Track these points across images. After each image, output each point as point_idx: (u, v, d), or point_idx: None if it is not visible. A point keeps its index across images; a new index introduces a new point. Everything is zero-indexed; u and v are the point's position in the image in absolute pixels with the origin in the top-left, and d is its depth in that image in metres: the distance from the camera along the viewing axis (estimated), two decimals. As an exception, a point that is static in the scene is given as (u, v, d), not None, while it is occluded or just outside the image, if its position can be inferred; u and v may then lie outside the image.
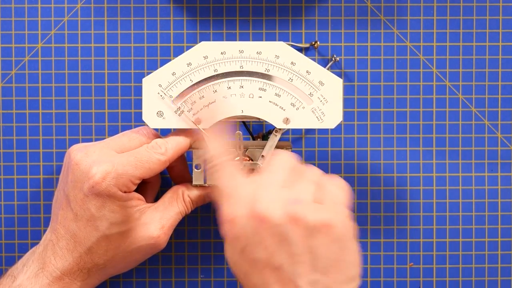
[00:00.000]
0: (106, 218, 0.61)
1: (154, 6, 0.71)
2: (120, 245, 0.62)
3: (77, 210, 0.61)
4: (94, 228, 0.61)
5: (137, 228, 0.62)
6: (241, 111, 0.64)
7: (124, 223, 0.62)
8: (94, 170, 0.60)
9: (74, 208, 0.62)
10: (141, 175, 0.62)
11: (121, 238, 0.62)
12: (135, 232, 0.62)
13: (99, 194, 0.60)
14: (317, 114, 0.64)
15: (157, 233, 0.63)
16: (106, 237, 0.62)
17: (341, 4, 0.71)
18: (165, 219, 0.64)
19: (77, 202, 0.61)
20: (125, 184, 0.61)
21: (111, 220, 0.61)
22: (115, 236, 0.62)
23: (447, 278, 0.72)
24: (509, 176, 0.72)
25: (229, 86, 0.63)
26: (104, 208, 0.61)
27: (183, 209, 0.65)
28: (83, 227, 0.62)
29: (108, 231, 0.61)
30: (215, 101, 0.63)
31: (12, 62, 0.71)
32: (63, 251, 0.62)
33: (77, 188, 0.61)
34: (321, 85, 0.63)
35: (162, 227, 0.63)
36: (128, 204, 0.62)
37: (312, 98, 0.64)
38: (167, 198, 0.65)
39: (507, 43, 0.71)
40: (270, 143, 0.64)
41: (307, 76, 0.63)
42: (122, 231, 0.62)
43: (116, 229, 0.62)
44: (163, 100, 0.63)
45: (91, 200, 0.61)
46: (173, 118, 0.64)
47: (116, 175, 0.60)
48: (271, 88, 0.63)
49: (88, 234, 0.62)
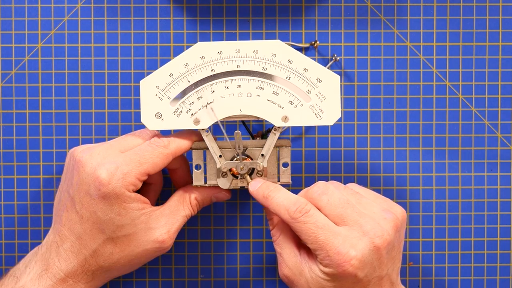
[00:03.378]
0: (112, 221, 0.61)
1: (154, 6, 0.71)
2: (126, 248, 0.62)
3: (83, 213, 0.61)
4: (100, 231, 0.61)
5: (143, 232, 0.62)
6: (239, 111, 0.64)
7: (130, 226, 0.62)
8: (100, 172, 0.60)
9: (80, 210, 0.61)
10: (146, 171, 0.61)
11: (127, 241, 0.62)
12: (141, 236, 0.62)
13: (106, 196, 0.60)
14: (315, 111, 0.64)
15: (162, 237, 0.63)
16: (112, 240, 0.62)
17: (341, 4, 0.71)
18: (170, 223, 0.63)
19: (83, 205, 0.61)
20: (131, 182, 0.61)
21: (117, 223, 0.61)
22: (121, 239, 0.62)
23: (446, 277, 0.72)
24: (509, 175, 0.72)
25: (227, 86, 0.63)
26: (110, 211, 0.61)
27: (190, 212, 0.65)
28: (89, 229, 0.61)
29: (114, 234, 0.61)
30: (213, 101, 0.63)
31: (12, 62, 0.70)
32: (67, 253, 0.62)
33: (83, 190, 0.61)
34: (319, 82, 0.63)
35: (168, 231, 0.63)
36: (134, 206, 0.61)
37: (310, 96, 0.63)
38: (174, 201, 0.65)
39: (507, 43, 0.71)
40: (269, 141, 0.64)
41: (304, 74, 0.63)
42: (127, 234, 0.62)
43: (122, 232, 0.62)
44: (161, 101, 0.63)
45: (98, 203, 0.61)
46: (171, 120, 0.63)
47: (122, 175, 0.60)
48: (269, 86, 0.63)
49: (93, 236, 0.61)
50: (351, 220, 0.59)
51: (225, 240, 0.72)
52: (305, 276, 0.60)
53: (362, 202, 0.61)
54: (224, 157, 0.64)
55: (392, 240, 0.59)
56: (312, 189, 0.61)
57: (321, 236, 0.58)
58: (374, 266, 0.59)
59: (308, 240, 0.59)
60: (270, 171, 0.65)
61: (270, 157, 0.65)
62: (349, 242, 0.58)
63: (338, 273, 0.58)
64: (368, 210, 0.60)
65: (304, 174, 0.71)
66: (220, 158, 0.64)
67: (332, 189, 0.61)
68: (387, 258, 0.59)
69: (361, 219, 0.59)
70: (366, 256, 0.58)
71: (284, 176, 0.65)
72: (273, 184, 0.63)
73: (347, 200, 0.60)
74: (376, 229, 0.58)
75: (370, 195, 0.62)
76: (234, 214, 0.72)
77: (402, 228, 0.61)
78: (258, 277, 0.72)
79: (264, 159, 0.64)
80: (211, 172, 0.65)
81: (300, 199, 0.60)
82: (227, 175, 0.64)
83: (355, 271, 0.58)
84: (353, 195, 0.61)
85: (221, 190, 0.66)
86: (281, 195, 0.61)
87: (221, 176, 0.64)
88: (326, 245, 0.58)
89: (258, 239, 0.72)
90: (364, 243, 0.58)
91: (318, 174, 0.71)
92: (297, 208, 0.59)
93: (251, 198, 0.71)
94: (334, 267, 0.58)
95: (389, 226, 0.59)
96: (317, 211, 0.60)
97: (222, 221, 0.72)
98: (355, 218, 0.59)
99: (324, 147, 0.71)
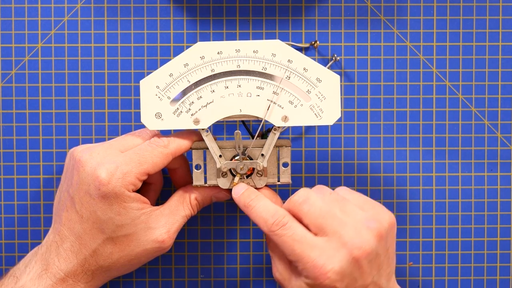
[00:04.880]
0: (112, 221, 0.61)
1: (154, 6, 0.71)
2: (125, 248, 0.62)
3: (83, 213, 0.61)
4: (99, 231, 0.61)
5: (142, 232, 0.62)
6: (239, 110, 0.64)
7: (130, 226, 0.62)
8: (100, 171, 0.60)
9: (80, 210, 0.61)
10: (146, 170, 0.62)
11: (127, 241, 0.62)
12: (141, 236, 0.62)
13: (106, 196, 0.60)
14: (315, 111, 0.64)
15: (162, 237, 0.63)
16: (112, 239, 0.62)
17: (341, 4, 0.71)
18: (170, 223, 0.63)
19: (83, 205, 0.61)
20: (131, 182, 0.61)
21: (117, 223, 0.61)
22: (121, 239, 0.62)
23: (446, 277, 0.72)
24: (509, 175, 0.72)
25: (227, 86, 0.63)
26: (110, 211, 0.61)
27: (190, 212, 0.65)
28: (89, 229, 0.61)
29: (114, 234, 0.61)
30: (213, 101, 0.63)
31: (12, 62, 0.70)
32: (67, 252, 0.62)
33: (83, 190, 0.61)
34: (319, 82, 0.63)
35: (168, 231, 0.63)
36: (134, 206, 0.61)
37: (310, 95, 0.63)
38: (174, 201, 0.65)
39: (507, 43, 0.71)
40: (269, 141, 0.64)
41: (304, 74, 0.63)
42: (127, 234, 0.62)
43: (121, 232, 0.62)
44: (161, 101, 0.63)
45: (98, 202, 0.61)
46: (171, 119, 0.63)
47: (122, 175, 0.60)
48: (268, 86, 0.63)
49: (93, 236, 0.61)
50: (330, 230, 0.58)
51: (225, 240, 0.72)
52: (292, 282, 0.60)
53: (346, 209, 0.60)
54: (224, 157, 0.64)
55: (373, 250, 0.58)
56: (294, 198, 0.61)
57: (297, 249, 0.58)
58: (355, 277, 0.58)
59: (286, 252, 0.59)
60: (270, 171, 0.65)
61: (270, 157, 0.65)
62: (326, 254, 0.57)
63: (317, 285, 0.58)
64: (351, 218, 0.59)
65: (304, 174, 0.71)
66: (220, 158, 0.64)
67: (314, 198, 0.60)
68: (369, 267, 0.58)
69: (341, 229, 0.58)
70: (344, 268, 0.57)
71: (284, 176, 0.65)
72: (254, 192, 0.63)
73: (328, 209, 0.59)
74: (355, 239, 0.58)
75: (358, 200, 0.61)
76: (234, 214, 0.72)
77: (389, 235, 0.60)
78: (258, 277, 0.72)
79: (264, 159, 0.64)
80: (211, 172, 0.65)
81: (278, 211, 0.60)
82: (227, 175, 0.64)
83: (332, 283, 0.57)
84: (337, 202, 0.60)
85: (221, 190, 0.66)
86: (260, 205, 0.61)
87: (221, 176, 0.64)
88: (302, 258, 0.58)
89: (258, 239, 0.72)
90: (342, 254, 0.57)
91: (318, 174, 0.71)
92: (275, 221, 0.59)
93: (251, 198, 0.71)
94: (312, 279, 0.58)
95: (371, 235, 0.58)
96: (295, 222, 0.59)
97: (222, 221, 0.72)
98: (335, 228, 0.58)
99: (324, 147, 0.71)
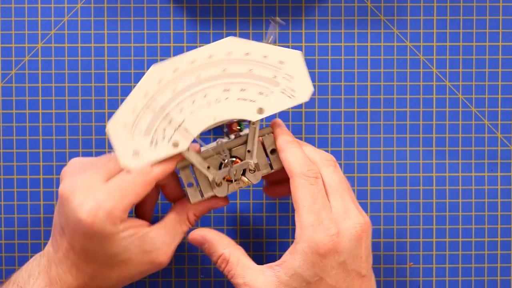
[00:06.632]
0: (104, 252, 0.59)
1: (154, 6, 0.71)
2: (124, 271, 0.61)
3: (74, 244, 0.60)
4: (93, 260, 0.60)
5: (138, 256, 0.60)
6: (213, 119, 0.61)
7: (123, 253, 0.60)
8: (82, 214, 0.58)
9: (71, 241, 0.60)
10: (130, 203, 0.59)
11: (124, 265, 0.60)
12: (137, 260, 0.60)
13: (93, 235, 0.58)
14: (287, 93, 0.62)
15: (159, 259, 0.61)
16: (107, 265, 0.60)
17: (341, 4, 0.71)
18: (167, 244, 0.62)
19: (73, 238, 0.60)
20: (117, 217, 0.59)
21: (110, 253, 0.59)
22: (117, 264, 0.60)
23: (447, 277, 0.72)
24: (509, 176, 0.72)
25: (193, 100, 0.60)
26: (100, 245, 0.59)
27: (188, 228, 0.63)
28: (83, 258, 0.60)
29: (109, 261, 0.60)
30: (185, 120, 0.60)
31: (12, 62, 0.70)
32: (66, 275, 0.61)
33: (71, 226, 0.59)
34: (282, 64, 0.61)
35: (165, 253, 0.61)
36: (125, 235, 0.59)
37: (277, 80, 0.61)
38: (170, 220, 0.63)
39: (507, 43, 0.71)
40: (251, 136, 0.63)
41: (265, 61, 0.61)
42: (123, 260, 0.60)
43: (116, 259, 0.60)
44: (133, 138, 0.60)
45: (86, 239, 0.59)
46: (150, 152, 0.60)
47: (105, 214, 0.58)
48: (234, 86, 0.61)
49: (88, 264, 0.60)
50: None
51: (225, 240, 0.72)
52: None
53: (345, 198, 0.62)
54: (212, 166, 0.62)
55: (370, 227, 0.61)
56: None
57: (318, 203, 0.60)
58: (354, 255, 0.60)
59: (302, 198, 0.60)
60: (261, 163, 0.64)
61: (257, 150, 0.63)
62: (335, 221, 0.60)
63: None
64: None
65: (304, 174, 0.71)
66: (209, 170, 0.62)
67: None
68: (366, 242, 0.61)
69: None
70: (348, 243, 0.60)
71: (276, 163, 0.64)
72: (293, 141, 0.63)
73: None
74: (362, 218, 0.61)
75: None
76: (234, 214, 0.72)
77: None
78: (258, 277, 0.72)
79: (252, 155, 0.64)
80: (205, 185, 0.63)
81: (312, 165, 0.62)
82: (222, 183, 0.64)
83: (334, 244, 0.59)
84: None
85: (219, 200, 0.64)
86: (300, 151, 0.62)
87: (216, 186, 0.63)
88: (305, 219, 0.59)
89: (258, 239, 0.72)
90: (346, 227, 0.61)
91: (318, 174, 0.71)
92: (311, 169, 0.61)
93: (251, 198, 0.71)
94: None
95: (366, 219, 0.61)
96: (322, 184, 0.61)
97: (222, 221, 0.72)
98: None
99: (324, 147, 0.71)
